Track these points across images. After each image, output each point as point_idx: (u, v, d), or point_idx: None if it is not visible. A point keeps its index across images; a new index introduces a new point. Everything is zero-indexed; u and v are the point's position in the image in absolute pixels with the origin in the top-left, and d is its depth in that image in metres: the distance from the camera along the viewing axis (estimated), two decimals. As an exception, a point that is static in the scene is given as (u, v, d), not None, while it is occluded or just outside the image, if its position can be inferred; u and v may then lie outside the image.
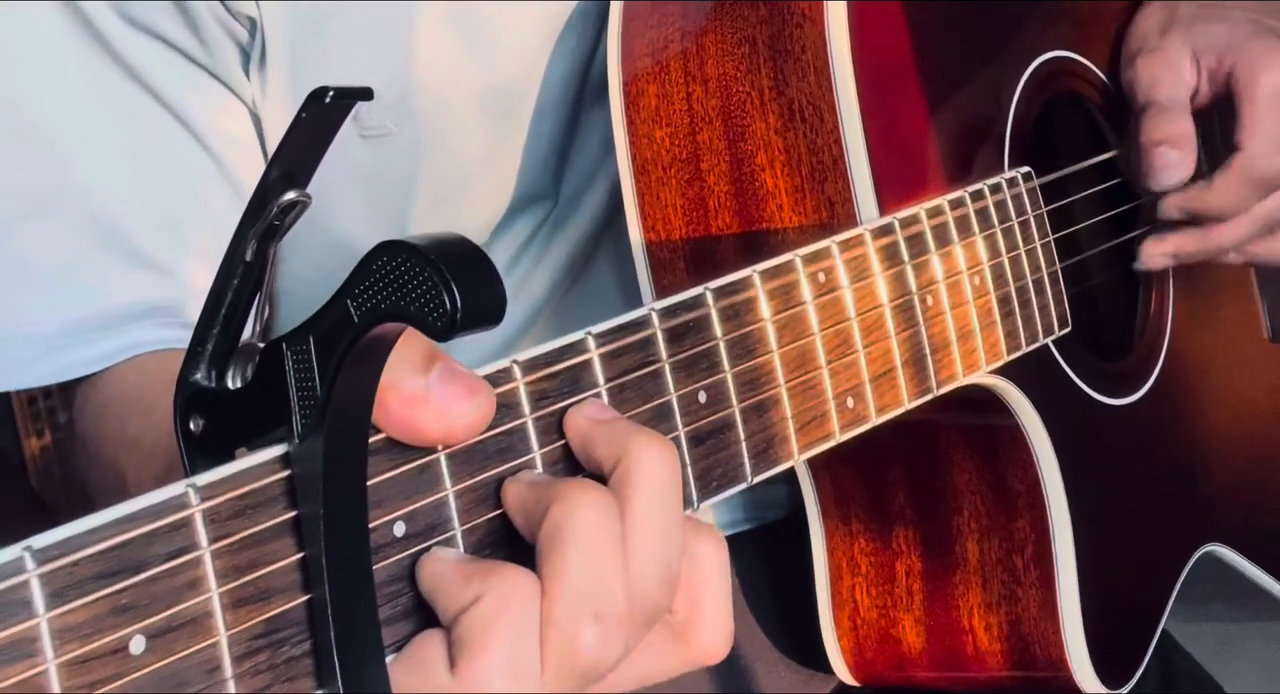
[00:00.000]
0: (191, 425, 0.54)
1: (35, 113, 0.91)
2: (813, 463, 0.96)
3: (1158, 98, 1.03)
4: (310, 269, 0.98)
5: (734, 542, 1.07)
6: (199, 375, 0.54)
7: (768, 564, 1.08)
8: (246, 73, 0.93)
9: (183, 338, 0.91)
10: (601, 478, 0.59)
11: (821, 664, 1.01)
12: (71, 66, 0.91)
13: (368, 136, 0.93)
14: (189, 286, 0.92)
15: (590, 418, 0.60)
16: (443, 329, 0.47)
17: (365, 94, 0.51)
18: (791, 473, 0.96)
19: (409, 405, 0.54)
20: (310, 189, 0.52)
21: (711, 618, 0.60)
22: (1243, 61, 1.02)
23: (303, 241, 0.96)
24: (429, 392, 0.54)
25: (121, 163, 0.92)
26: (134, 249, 0.92)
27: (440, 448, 0.56)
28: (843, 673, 1.00)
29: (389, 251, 0.48)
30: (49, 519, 1.10)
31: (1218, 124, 1.07)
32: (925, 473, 0.95)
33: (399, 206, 0.96)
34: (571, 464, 0.60)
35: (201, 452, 0.54)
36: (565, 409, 0.61)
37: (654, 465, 0.58)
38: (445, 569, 0.54)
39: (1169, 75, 1.03)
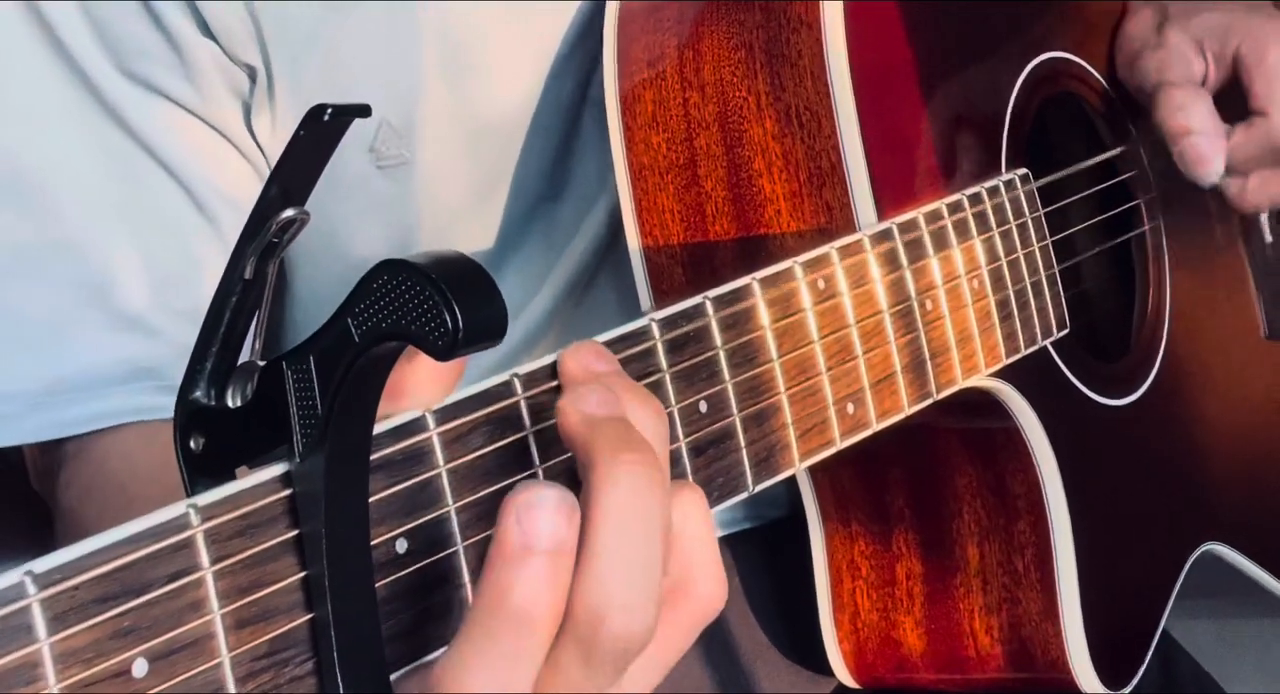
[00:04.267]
0: (191, 444, 0.54)
1: (26, 166, 0.90)
2: (812, 466, 0.96)
3: (1170, 77, 1.03)
4: (330, 293, 0.98)
5: (734, 541, 1.07)
6: (198, 393, 0.54)
7: (768, 563, 1.08)
8: (249, 123, 0.92)
9: (168, 405, 0.91)
10: None
11: (821, 665, 1.01)
12: (65, 120, 0.90)
13: (384, 168, 0.93)
14: (177, 347, 0.91)
15: (586, 367, 0.59)
16: (444, 348, 0.47)
17: (363, 111, 0.51)
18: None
19: None
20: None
21: (705, 572, 0.59)
22: (1248, 40, 1.03)
23: (323, 268, 0.96)
24: None
25: (113, 220, 0.91)
26: (122, 309, 0.90)
27: (441, 464, 0.56)
28: (843, 675, 1.00)
29: (389, 270, 0.48)
30: (49, 519, 1.09)
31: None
32: (925, 476, 0.95)
33: (409, 231, 0.95)
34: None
35: (202, 470, 0.54)
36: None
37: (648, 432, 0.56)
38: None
39: (1177, 62, 1.04)
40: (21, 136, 0.91)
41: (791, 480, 0.97)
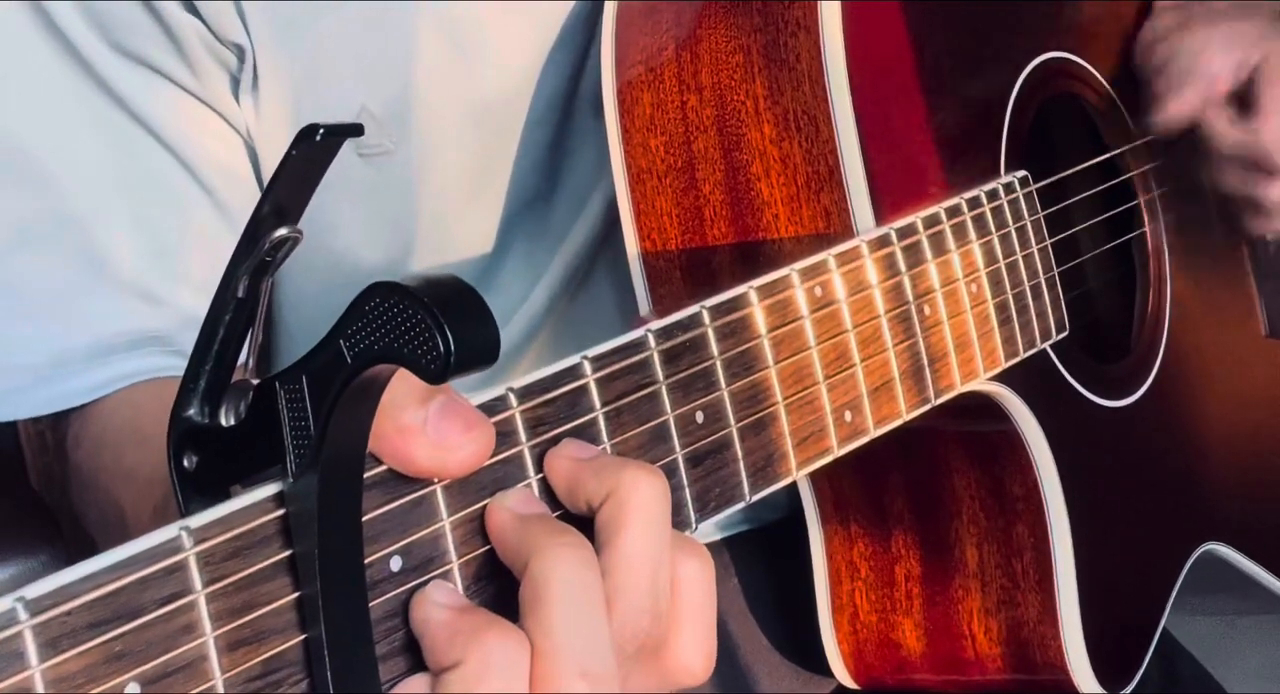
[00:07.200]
0: (185, 462, 0.54)
1: (25, 142, 0.91)
2: (810, 469, 0.96)
3: (1179, 62, 1.06)
4: (314, 287, 0.98)
5: (733, 543, 1.07)
6: (192, 412, 0.54)
7: (767, 565, 1.08)
8: (237, 99, 0.93)
9: (174, 366, 0.91)
10: (590, 517, 0.58)
11: (821, 666, 1.01)
12: (61, 96, 0.91)
13: (366, 155, 0.93)
14: (181, 315, 0.92)
15: (573, 457, 0.59)
16: (436, 372, 0.47)
17: (355, 130, 0.50)
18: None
19: (404, 436, 0.53)
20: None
21: (690, 638, 0.59)
22: (1274, 56, 1.04)
23: (306, 261, 0.96)
24: (425, 424, 0.53)
25: (112, 192, 0.92)
26: (125, 279, 0.91)
27: (436, 480, 0.56)
28: (843, 676, 1.00)
29: (381, 293, 0.48)
30: (49, 520, 1.09)
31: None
32: (924, 478, 0.95)
33: (400, 224, 0.96)
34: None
35: (195, 488, 0.54)
36: (562, 436, 0.60)
37: (644, 498, 0.57)
38: (435, 617, 0.54)
39: (1191, 50, 1.06)
40: (19, 113, 0.91)
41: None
